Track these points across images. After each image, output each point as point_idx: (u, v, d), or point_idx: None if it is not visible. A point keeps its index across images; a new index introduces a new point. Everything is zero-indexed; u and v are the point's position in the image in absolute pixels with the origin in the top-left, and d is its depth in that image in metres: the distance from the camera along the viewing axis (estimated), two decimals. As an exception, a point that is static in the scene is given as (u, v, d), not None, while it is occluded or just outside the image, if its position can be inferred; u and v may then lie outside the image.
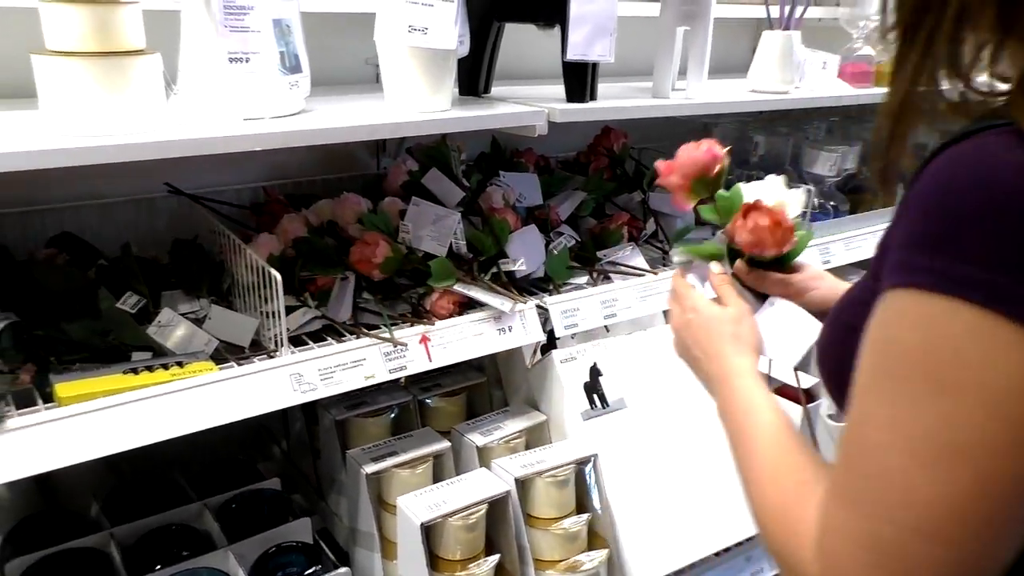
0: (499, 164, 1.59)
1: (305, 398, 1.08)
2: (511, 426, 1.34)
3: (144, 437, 0.96)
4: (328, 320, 1.21)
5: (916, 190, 0.56)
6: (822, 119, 2.02)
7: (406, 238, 1.29)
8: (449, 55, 1.16)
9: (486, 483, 1.18)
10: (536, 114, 1.22)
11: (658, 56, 1.44)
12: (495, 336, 1.24)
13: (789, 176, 1.77)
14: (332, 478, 1.36)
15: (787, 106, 1.58)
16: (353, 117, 1.10)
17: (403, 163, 1.46)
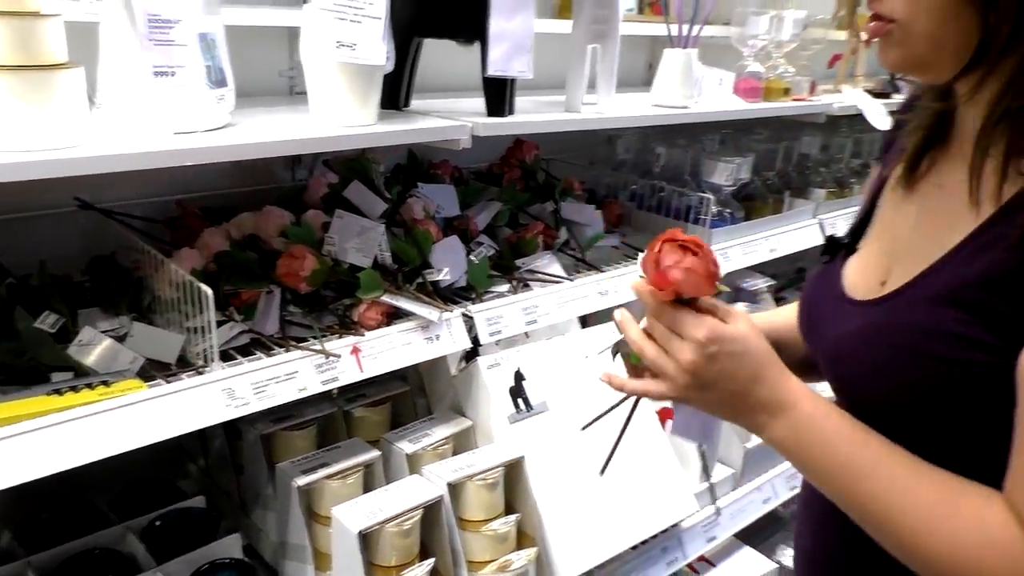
0: (417, 176, 1.62)
1: (238, 412, 1.08)
2: (438, 433, 1.37)
3: (74, 459, 0.94)
4: (255, 334, 1.21)
5: None
6: (716, 131, 2.15)
7: (331, 250, 1.30)
8: (376, 70, 1.18)
9: (419, 489, 1.20)
10: (460, 128, 1.26)
11: (570, 73, 1.51)
12: (423, 345, 1.27)
13: (688, 185, 1.90)
14: (257, 493, 1.35)
15: (689, 120, 1.68)
16: (282, 131, 1.11)
17: (323, 176, 1.47)
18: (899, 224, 0.85)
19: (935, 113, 0.83)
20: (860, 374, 0.78)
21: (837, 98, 2.15)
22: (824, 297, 0.89)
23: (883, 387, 0.75)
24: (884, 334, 0.76)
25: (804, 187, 2.21)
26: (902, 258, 0.81)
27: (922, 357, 0.71)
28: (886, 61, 0.76)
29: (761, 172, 2.08)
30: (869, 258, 0.88)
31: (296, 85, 1.63)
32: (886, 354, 0.74)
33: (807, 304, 0.94)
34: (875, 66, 2.61)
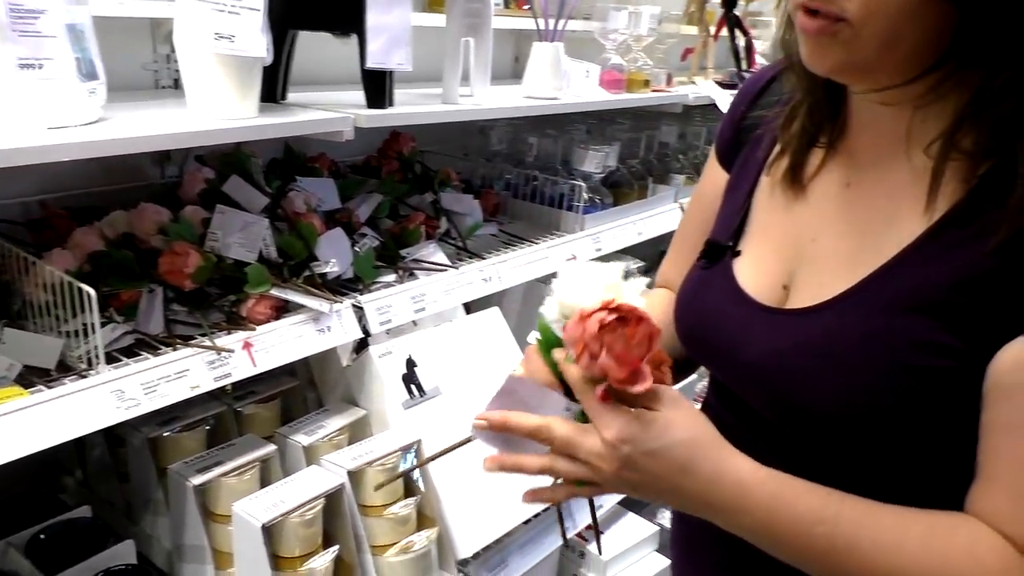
0: (294, 170, 1.61)
1: (130, 414, 1.05)
2: (333, 423, 1.37)
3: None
4: (140, 334, 1.18)
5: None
6: (582, 121, 2.24)
7: (214, 246, 1.28)
8: (256, 63, 1.17)
9: (319, 479, 1.21)
10: (343, 120, 1.27)
11: (446, 65, 1.54)
12: (316, 337, 1.27)
13: (559, 174, 1.97)
14: (146, 499, 1.31)
15: (559, 110, 1.75)
16: (162, 125, 1.08)
17: (198, 171, 1.44)
18: (793, 226, 0.80)
19: (821, 109, 0.78)
20: (807, 389, 0.71)
21: (692, 89, 2.29)
22: (723, 306, 0.82)
23: (837, 402, 0.69)
24: (838, 345, 0.70)
25: (665, 173, 2.34)
26: (811, 262, 0.77)
27: (884, 367, 0.67)
28: (822, 64, 0.68)
29: (626, 160, 2.19)
30: (760, 263, 0.82)
31: (161, 79, 1.58)
32: (842, 366, 0.69)
33: (696, 315, 0.86)
34: (722, 59, 2.79)
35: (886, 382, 0.67)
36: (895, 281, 0.69)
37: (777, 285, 0.79)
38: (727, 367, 0.82)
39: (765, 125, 0.87)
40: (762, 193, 0.86)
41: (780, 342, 0.75)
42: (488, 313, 1.64)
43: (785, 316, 0.76)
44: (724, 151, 0.96)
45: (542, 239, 1.81)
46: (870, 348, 0.68)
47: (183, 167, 1.59)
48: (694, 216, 1.02)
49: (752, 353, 0.77)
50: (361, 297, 1.37)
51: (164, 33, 1.53)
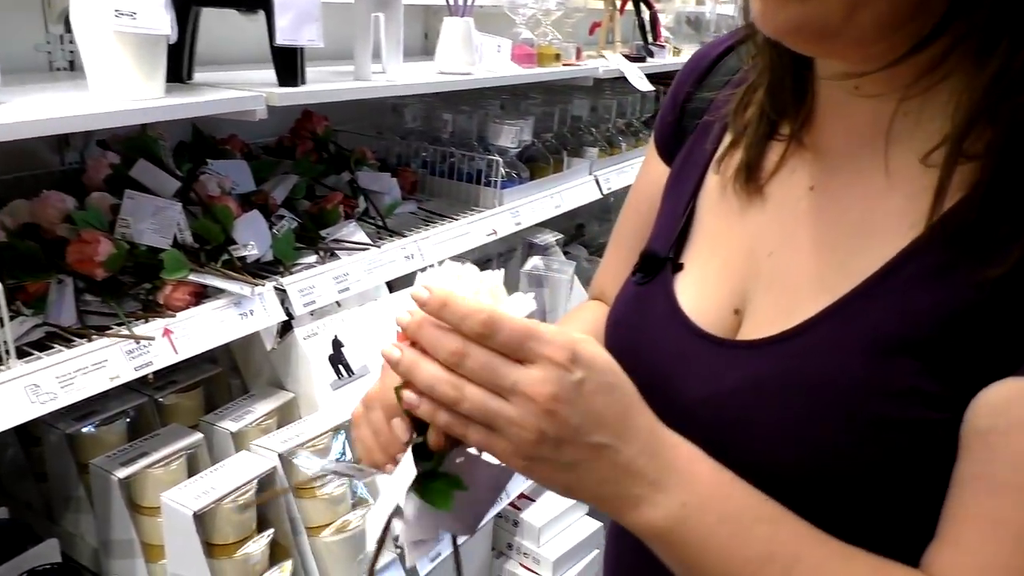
0: (205, 152, 1.56)
1: (46, 409, 1.01)
2: (260, 408, 1.36)
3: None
4: (52, 327, 1.13)
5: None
6: (495, 97, 2.25)
7: (126, 233, 1.24)
8: (160, 40, 1.14)
9: (250, 464, 1.20)
10: (256, 99, 1.24)
11: (356, 41, 1.52)
12: (238, 321, 1.25)
13: (476, 150, 1.98)
14: (67, 497, 1.27)
15: (473, 85, 1.75)
16: (66, 108, 1.04)
17: (102, 157, 1.39)
18: (747, 236, 0.67)
19: (783, 92, 0.65)
20: (759, 440, 0.59)
21: (602, 63, 2.32)
22: (661, 332, 0.69)
23: (798, 458, 0.57)
24: (799, 389, 0.57)
25: (579, 147, 2.38)
26: (768, 282, 0.64)
27: (857, 419, 0.55)
28: (773, 20, 0.54)
29: (540, 135, 2.21)
30: (706, 281, 0.69)
31: (56, 60, 1.51)
32: (804, 416, 0.57)
33: (628, 341, 0.72)
34: (629, 33, 2.84)
35: (858, 437, 0.55)
36: (869, 311, 0.56)
37: (727, 309, 0.66)
38: (664, 406, 0.63)
39: (714, 111, 0.73)
40: (709, 194, 0.72)
41: (728, 381, 0.61)
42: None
43: (735, 349, 0.63)
44: (664, 141, 0.82)
45: (462, 215, 1.82)
46: (839, 396, 0.55)
47: (84, 153, 1.53)
48: (630, 217, 0.88)
49: (694, 393, 0.64)
50: (283, 279, 1.35)
51: (57, 12, 1.46)
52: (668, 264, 0.71)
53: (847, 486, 0.56)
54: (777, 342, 0.60)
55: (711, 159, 0.74)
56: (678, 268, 0.71)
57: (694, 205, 0.73)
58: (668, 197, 0.78)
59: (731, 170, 0.70)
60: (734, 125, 0.70)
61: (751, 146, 0.68)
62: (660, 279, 0.71)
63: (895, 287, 0.56)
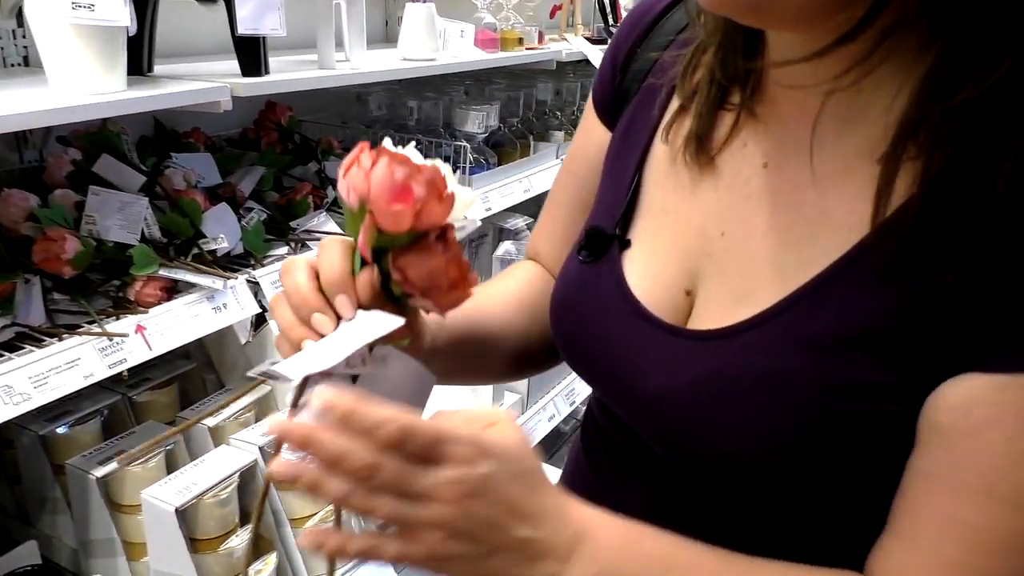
0: (168, 146, 1.54)
1: (20, 410, 1.00)
2: (238, 402, 1.34)
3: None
4: (20, 327, 1.11)
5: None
6: (459, 83, 2.24)
7: (92, 229, 1.22)
8: (119, 32, 1.12)
9: (230, 458, 1.19)
10: (220, 90, 1.23)
11: (319, 30, 1.51)
12: (211, 315, 1.24)
13: (442, 137, 1.97)
14: (42, 498, 1.25)
15: (438, 71, 1.74)
16: (23, 104, 1.02)
17: (63, 153, 1.36)
18: (697, 212, 0.63)
19: (733, 55, 0.60)
20: (715, 435, 0.58)
21: (564, 46, 2.33)
22: (610, 317, 0.65)
23: (755, 453, 0.56)
24: (754, 384, 0.56)
25: (545, 131, 2.38)
26: (721, 264, 0.61)
27: (813, 414, 0.54)
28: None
29: (505, 120, 2.21)
30: (655, 259, 0.65)
31: (9, 57, 1.47)
32: (760, 411, 0.55)
33: (576, 325, 0.69)
34: (589, 15, 2.84)
35: (815, 432, 0.54)
36: (826, 304, 0.54)
37: (678, 290, 0.63)
38: (616, 397, 0.65)
39: (659, 72, 0.68)
40: (657, 164, 0.67)
41: (683, 374, 0.59)
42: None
43: (690, 340, 0.60)
44: (604, 102, 0.76)
45: (431, 202, 1.81)
46: (795, 391, 0.54)
47: (43, 150, 1.50)
48: (566, 180, 0.83)
49: (649, 386, 0.61)
50: (255, 272, 1.34)
51: (8, 7, 1.43)
52: (615, 242, 0.67)
53: (805, 479, 0.56)
54: (733, 334, 0.58)
55: (657, 126, 0.68)
56: (625, 245, 0.67)
57: (640, 177, 0.68)
58: (612, 167, 0.72)
59: (680, 140, 0.64)
60: (681, 89, 0.64)
61: (700, 115, 0.63)
62: (608, 258, 0.67)
63: (851, 281, 0.54)
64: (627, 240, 0.67)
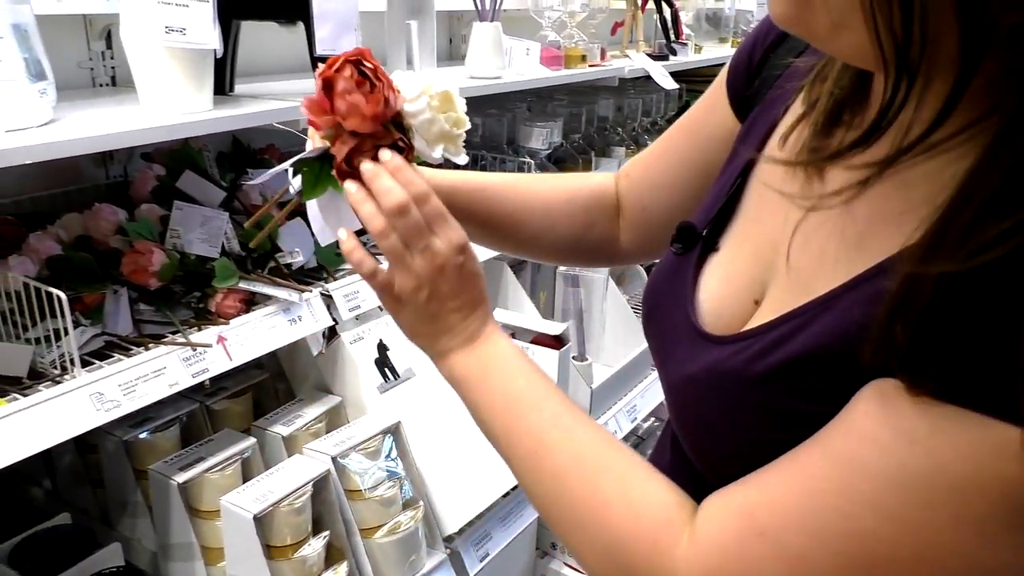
0: (245, 162, 1.59)
1: (111, 416, 1.04)
2: (309, 413, 1.38)
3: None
4: (110, 336, 1.16)
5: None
6: (522, 99, 2.27)
7: (176, 243, 1.27)
8: (208, 55, 1.16)
9: (304, 467, 1.22)
10: (298, 109, 1.26)
11: (390, 49, 1.54)
12: (287, 327, 1.27)
13: (506, 153, 2.00)
14: (123, 502, 1.30)
15: (504, 89, 1.77)
16: (117, 123, 1.06)
17: (148, 169, 1.41)
18: (778, 226, 0.63)
19: (850, 78, 0.59)
20: (693, 428, 0.64)
21: (626, 63, 2.34)
22: (673, 308, 0.69)
23: (729, 445, 0.60)
24: (728, 383, 0.59)
25: (606, 147, 2.39)
26: (781, 278, 0.61)
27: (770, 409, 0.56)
28: (774, 14, 0.53)
29: (568, 136, 2.22)
30: (734, 265, 0.67)
31: (98, 77, 1.54)
32: (725, 406, 0.59)
33: (652, 308, 0.74)
34: (650, 31, 2.85)
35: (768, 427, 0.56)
36: (809, 325, 0.54)
37: (747, 299, 0.64)
38: (661, 378, 0.72)
39: (791, 77, 0.66)
40: (762, 171, 0.68)
41: (687, 368, 0.64)
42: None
43: (705, 341, 0.64)
44: (736, 89, 0.76)
45: (495, 217, 1.83)
46: (754, 392, 0.57)
47: (127, 166, 1.56)
48: (679, 132, 0.86)
49: (667, 375, 0.68)
50: (328, 285, 1.37)
51: (98, 29, 1.49)
52: (701, 242, 0.70)
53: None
54: (735, 340, 0.60)
55: (771, 131, 0.68)
56: (712, 247, 0.69)
57: (744, 181, 0.70)
58: (726, 166, 0.74)
59: (794, 147, 0.63)
60: (808, 96, 0.63)
61: (816, 125, 0.61)
62: (691, 256, 0.70)
63: (839, 306, 0.53)
64: (715, 242, 0.69)
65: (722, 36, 3.38)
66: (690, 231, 0.71)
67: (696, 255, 0.69)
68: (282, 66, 1.75)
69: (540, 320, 1.76)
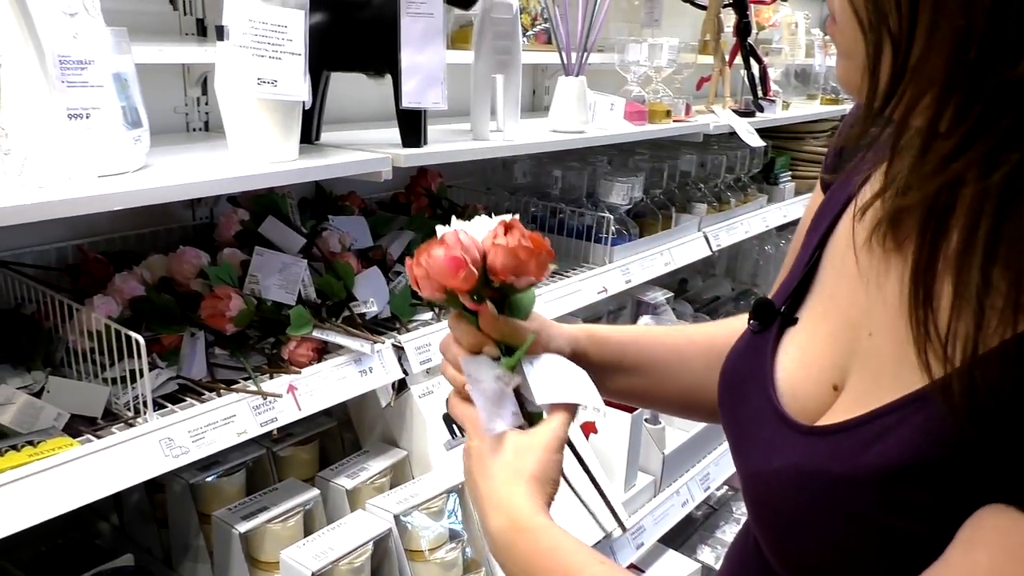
0: (326, 209, 1.61)
1: (179, 463, 1.04)
2: (375, 466, 1.36)
3: (7, 526, 0.88)
4: (183, 380, 1.17)
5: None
6: (604, 153, 2.25)
7: (254, 288, 1.28)
8: (297, 106, 1.18)
9: (366, 524, 1.19)
10: (382, 160, 1.27)
11: (475, 102, 1.54)
12: (357, 378, 1.26)
13: (585, 206, 1.97)
14: (186, 545, 1.29)
15: (586, 144, 1.75)
16: (206, 171, 1.08)
17: (233, 213, 1.44)
18: (856, 307, 0.60)
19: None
20: (780, 524, 0.60)
21: (712, 118, 2.30)
22: (751, 389, 0.67)
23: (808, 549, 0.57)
24: (822, 487, 0.56)
25: (687, 203, 2.34)
26: (863, 364, 0.58)
27: (860, 519, 0.53)
28: (837, 76, 0.56)
29: (648, 191, 2.19)
30: (813, 347, 0.64)
31: (192, 122, 1.59)
32: (811, 506, 0.56)
33: (728, 387, 0.72)
34: (737, 86, 2.80)
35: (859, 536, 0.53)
36: (899, 427, 0.52)
37: (826, 383, 0.61)
38: (738, 466, 0.68)
39: (875, 150, 0.62)
40: (837, 245, 0.65)
41: (774, 460, 0.60)
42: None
43: (791, 431, 0.61)
44: (827, 170, 0.73)
45: (572, 272, 1.80)
46: (846, 498, 0.54)
47: (214, 208, 1.59)
48: (795, 238, 0.81)
49: (748, 463, 0.65)
50: (400, 336, 1.36)
51: (195, 76, 1.54)
52: (779, 317, 0.67)
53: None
54: (827, 433, 0.57)
55: (848, 204, 0.66)
56: (790, 323, 0.67)
57: (820, 255, 0.67)
58: (806, 240, 0.72)
59: (868, 225, 0.59)
60: (889, 171, 0.56)
61: (893, 201, 0.56)
62: (769, 334, 0.67)
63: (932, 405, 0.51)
64: (794, 318, 0.67)
65: (811, 93, 3.30)
66: (768, 307, 0.69)
67: (774, 332, 0.67)
68: (366, 114, 1.77)
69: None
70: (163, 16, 1.51)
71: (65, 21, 0.99)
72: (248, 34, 1.10)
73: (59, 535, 1.35)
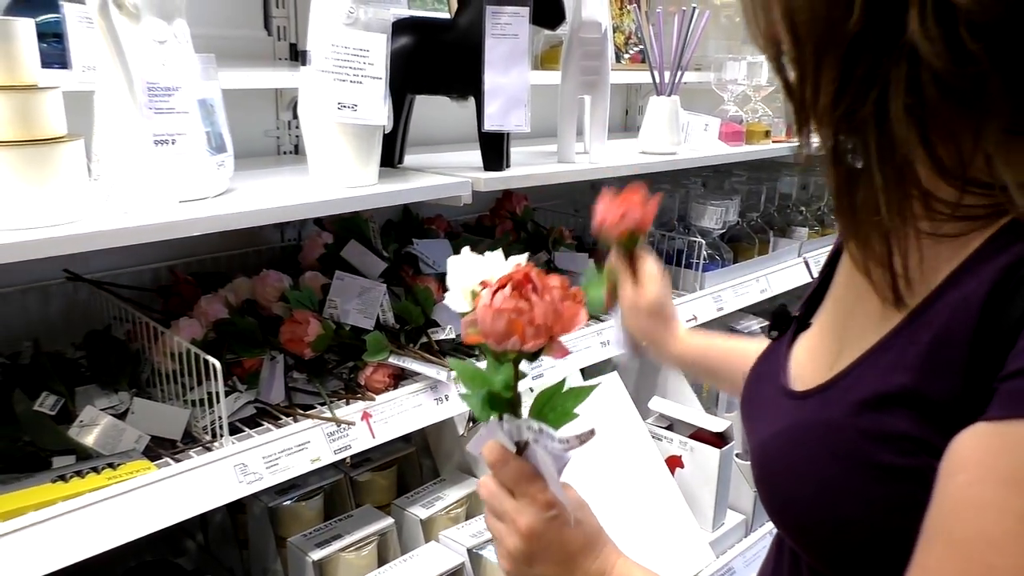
0: (411, 232, 1.60)
1: (252, 489, 1.03)
2: (451, 495, 1.33)
3: (86, 550, 0.89)
4: (261, 404, 1.17)
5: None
6: (698, 174, 2.17)
7: (333, 313, 1.27)
8: (377, 130, 1.17)
9: (439, 557, 1.16)
10: (463, 184, 1.25)
11: (561, 124, 1.51)
12: (433, 406, 1.24)
13: (676, 230, 1.90)
14: (264, 568, 1.30)
15: (679, 166, 1.69)
16: (287, 195, 1.08)
17: (317, 236, 1.45)
18: (853, 293, 0.68)
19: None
20: (780, 478, 0.64)
21: (814, 138, 2.18)
22: (765, 383, 0.73)
23: (807, 495, 0.61)
24: (813, 435, 0.61)
25: (786, 227, 2.24)
26: (853, 338, 0.65)
27: (860, 461, 0.57)
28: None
29: (744, 214, 2.10)
30: (822, 336, 0.71)
31: (282, 145, 1.61)
32: (812, 458, 0.61)
33: (748, 387, 0.78)
34: (843, 104, 2.67)
35: (859, 478, 0.57)
36: (876, 365, 0.59)
37: (827, 364, 0.66)
38: (750, 447, 0.73)
39: None
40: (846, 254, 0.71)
41: (776, 425, 0.67)
42: (607, 378, 1.57)
43: (789, 399, 0.67)
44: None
45: (661, 298, 1.73)
46: (842, 440, 0.59)
47: (302, 230, 1.61)
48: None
49: (755, 437, 0.70)
50: (479, 363, 1.32)
51: (287, 100, 1.56)
52: (794, 322, 0.75)
53: (857, 531, 0.58)
54: (816, 393, 0.63)
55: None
56: (804, 327, 0.74)
57: (835, 266, 0.74)
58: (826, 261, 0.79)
59: None
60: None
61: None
62: (784, 338, 0.75)
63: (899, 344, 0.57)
64: (807, 323, 0.74)
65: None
66: (784, 316, 0.77)
67: (789, 336, 0.74)
68: (453, 136, 1.76)
69: (702, 414, 1.63)
70: (258, 41, 1.54)
71: (155, 49, 1.01)
72: (330, 59, 1.10)
73: (149, 551, 1.38)
